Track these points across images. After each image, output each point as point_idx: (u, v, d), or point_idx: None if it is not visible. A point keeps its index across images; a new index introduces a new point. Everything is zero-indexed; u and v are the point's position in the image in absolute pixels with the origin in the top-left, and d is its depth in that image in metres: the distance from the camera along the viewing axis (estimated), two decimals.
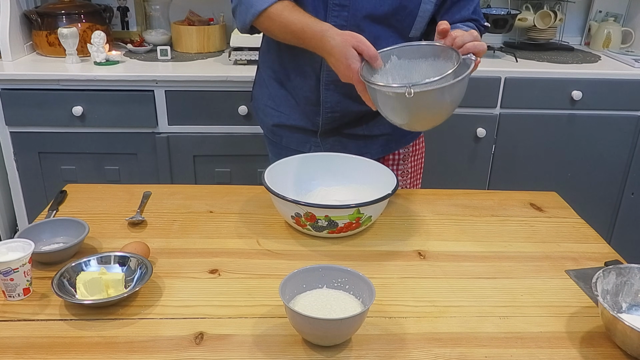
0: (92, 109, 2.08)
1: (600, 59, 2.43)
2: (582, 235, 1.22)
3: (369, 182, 1.25)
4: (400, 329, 0.90)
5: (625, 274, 0.93)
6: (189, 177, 2.22)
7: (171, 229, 1.19)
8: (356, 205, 1.08)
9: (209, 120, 2.14)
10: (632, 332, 0.80)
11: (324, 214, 1.08)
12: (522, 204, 1.34)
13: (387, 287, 1.00)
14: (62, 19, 2.26)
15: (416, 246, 1.15)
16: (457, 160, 2.29)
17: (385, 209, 1.29)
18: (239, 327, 0.89)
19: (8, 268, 0.91)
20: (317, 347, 0.85)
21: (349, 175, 1.29)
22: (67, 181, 1.51)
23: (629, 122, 2.26)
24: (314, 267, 0.92)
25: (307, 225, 1.11)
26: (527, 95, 2.21)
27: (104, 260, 1.00)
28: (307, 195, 1.25)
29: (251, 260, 1.08)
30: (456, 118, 2.21)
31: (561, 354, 0.86)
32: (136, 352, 0.84)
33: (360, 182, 1.27)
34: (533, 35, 2.57)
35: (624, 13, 2.66)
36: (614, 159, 2.32)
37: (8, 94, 2.06)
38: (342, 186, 1.28)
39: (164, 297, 0.96)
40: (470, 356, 0.85)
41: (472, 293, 1.00)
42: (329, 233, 1.12)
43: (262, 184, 1.16)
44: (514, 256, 1.12)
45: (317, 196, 1.25)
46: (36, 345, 0.85)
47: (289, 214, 1.12)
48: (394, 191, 1.14)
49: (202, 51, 2.39)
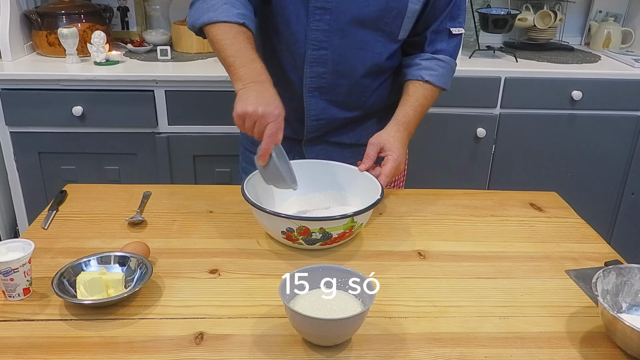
0: (92, 109, 2.08)
1: (600, 59, 2.43)
2: (582, 235, 1.22)
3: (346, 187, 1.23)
4: (400, 329, 0.90)
5: (625, 274, 0.93)
6: (189, 177, 2.22)
7: (171, 229, 1.19)
8: (353, 214, 1.05)
9: (209, 120, 2.14)
10: (632, 332, 0.80)
11: (319, 227, 1.04)
12: (522, 204, 1.34)
13: (387, 287, 1.00)
14: (62, 19, 2.26)
15: (416, 246, 1.15)
16: (457, 160, 2.29)
17: (385, 209, 1.29)
18: (239, 327, 0.89)
19: (8, 268, 0.91)
20: (317, 347, 0.85)
21: (320, 181, 1.24)
22: (67, 181, 1.51)
23: (629, 122, 2.26)
24: (314, 267, 0.92)
25: (300, 240, 1.06)
26: (527, 95, 2.21)
27: (104, 260, 1.00)
28: (283, 206, 1.20)
29: (251, 260, 1.08)
30: (456, 118, 2.22)
31: (561, 354, 0.86)
32: (136, 352, 0.84)
33: (335, 188, 1.24)
34: (533, 35, 2.57)
35: (624, 13, 2.66)
36: (614, 159, 2.32)
37: (8, 94, 2.06)
38: (319, 193, 1.24)
39: (164, 297, 0.96)
40: (470, 356, 0.85)
41: (472, 293, 1.00)
42: (322, 245, 1.08)
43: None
44: (514, 256, 1.12)
45: (293, 206, 1.20)
46: (36, 345, 0.85)
47: (279, 230, 1.06)
48: (382, 194, 1.12)
49: (202, 51, 2.39)
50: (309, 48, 1.25)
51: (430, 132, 2.22)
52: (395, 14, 1.23)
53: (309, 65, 1.27)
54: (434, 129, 2.22)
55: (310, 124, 1.35)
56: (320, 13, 1.20)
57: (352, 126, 1.39)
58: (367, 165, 1.20)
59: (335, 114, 1.34)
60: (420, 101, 1.30)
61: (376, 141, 1.23)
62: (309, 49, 1.25)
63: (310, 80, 1.28)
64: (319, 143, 1.39)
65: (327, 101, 1.32)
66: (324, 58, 1.26)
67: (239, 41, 1.13)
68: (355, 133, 1.40)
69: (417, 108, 1.29)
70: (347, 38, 1.23)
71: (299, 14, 1.22)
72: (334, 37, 1.23)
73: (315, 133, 1.37)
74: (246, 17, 1.16)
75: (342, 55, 1.26)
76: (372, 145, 1.23)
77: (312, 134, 1.37)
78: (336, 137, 1.39)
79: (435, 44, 1.31)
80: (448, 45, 1.31)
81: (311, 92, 1.30)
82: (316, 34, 1.23)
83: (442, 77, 1.32)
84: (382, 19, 1.22)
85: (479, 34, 2.42)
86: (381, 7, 1.21)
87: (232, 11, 1.15)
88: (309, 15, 1.21)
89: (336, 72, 1.28)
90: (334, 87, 1.30)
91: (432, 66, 1.30)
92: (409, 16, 1.24)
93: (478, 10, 2.39)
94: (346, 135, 1.40)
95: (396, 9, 1.22)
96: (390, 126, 1.27)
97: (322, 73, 1.28)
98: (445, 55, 1.31)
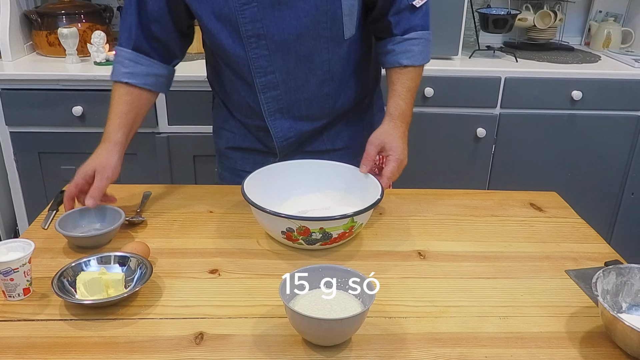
0: (92, 109, 2.08)
1: (600, 59, 2.43)
2: (582, 235, 1.22)
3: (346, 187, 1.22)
4: (400, 329, 0.90)
5: (625, 274, 0.93)
6: (189, 177, 2.22)
7: (171, 229, 1.19)
8: (353, 214, 1.04)
9: (209, 120, 2.12)
10: (632, 332, 0.80)
11: (319, 227, 1.04)
12: (522, 204, 1.34)
13: (387, 287, 1.00)
14: (62, 19, 2.26)
15: (416, 246, 1.15)
16: (457, 160, 2.29)
17: (385, 209, 1.29)
18: (239, 327, 0.89)
19: (8, 268, 0.91)
20: (317, 347, 0.85)
21: (320, 181, 1.24)
22: (67, 181, 1.50)
23: (629, 122, 2.26)
24: (314, 267, 0.92)
25: (300, 240, 1.07)
26: (527, 95, 2.21)
27: (104, 260, 1.00)
28: (283, 206, 1.19)
29: (251, 260, 1.08)
30: (456, 118, 2.22)
31: (561, 354, 0.86)
32: (136, 352, 0.84)
33: (335, 188, 1.23)
34: (533, 35, 2.57)
35: (624, 13, 2.66)
36: (614, 159, 2.32)
37: (8, 94, 2.06)
38: (319, 193, 1.24)
39: (164, 297, 0.96)
40: (470, 356, 0.85)
41: (472, 293, 1.00)
42: (322, 245, 1.08)
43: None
44: (514, 256, 1.12)
45: (294, 206, 1.20)
46: (36, 345, 0.85)
47: (279, 230, 1.07)
48: (382, 194, 1.12)
49: (202, 51, 2.36)
50: (256, 76, 1.24)
51: (430, 132, 2.22)
52: (330, 16, 1.18)
53: (261, 91, 1.26)
54: (434, 129, 2.22)
55: (280, 143, 1.34)
56: (256, 40, 1.19)
57: (324, 133, 1.37)
58: (368, 166, 1.19)
59: (302, 127, 1.33)
60: (408, 85, 1.26)
61: (375, 141, 1.21)
62: (256, 77, 1.24)
63: (268, 105, 1.28)
64: (296, 154, 1.36)
65: (291, 119, 1.31)
66: (273, 82, 1.25)
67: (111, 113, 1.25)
68: (329, 139, 1.38)
69: (407, 95, 1.26)
70: (290, 55, 1.21)
71: (235, 45, 1.21)
72: (277, 58, 1.21)
73: (288, 148, 1.36)
74: (133, 76, 1.24)
75: (291, 73, 1.24)
76: (372, 145, 1.21)
77: (284, 150, 1.36)
78: (310, 146, 1.38)
79: (402, 24, 1.25)
80: (416, 21, 1.25)
81: (272, 114, 1.30)
82: (259, 61, 1.22)
83: (420, 55, 1.27)
84: (318, 25, 1.18)
85: (479, 34, 2.42)
86: (313, 15, 1.16)
87: (120, 70, 1.25)
88: (245, 44, 1.20)
89: (290, 91, 1.26)
90: (294, 105, 1.29)
91: (407, 48, 1.25)
92: (347, 14, 1.19)
93: (478, 10, 2.39)
94: (320, 142, 1.38)
95: (329, 11, 1.17)
96: (386, 122, 1.24)
97: (277, 95, 1.27)
98: (416, 32, 1.26)
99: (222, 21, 1.18)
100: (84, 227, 1.15)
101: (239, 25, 1.17)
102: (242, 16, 1.16)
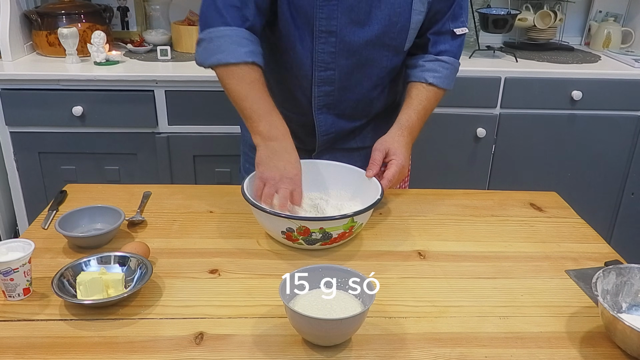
0: (92, 109, 2.08)
1: (600, 59, 2.43)
2: (582, 235, 1.22)
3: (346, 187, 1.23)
4: (400, 329, 0.90)
5: (625, 274, 0.93)
6: (189, 177, 2.22)
7: (171, 229, 1.19)
8: (353, 214, 1.05)
9: (209, 120, 2.14)
10: (632, 332, 0.80)
11: (319, 227, 1.04)
12: (522, 204, 1.34)
13: (387, 287, 1.00)
14: (62, 19, 2.26)
15: (416, 246, 1.15)
16: (457, 160, 2.29)
17: (385, 209, 1.29)
18: (239, 327, 0.89)
19: (8, 268, 0.91)
20: (317, 347, 0.85)
21: (321, 181, 1.24)
22: (67, 181, 1.51)
23: (629, 122, 2.26)
24: (314, 267, 0.92)
25: (300, 240, 1.07)
26: (527, 95, 2.21)
27: (104, 260, 1.00)
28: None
29: (251, 260, 1.08)
30: (456, 118, 2.22)
31: (561, 354, 0.86)
32: (136, 352, 0.84)
33: (336, 188, 1.24)
34: (533, 35, 2.57)
35: (624, 13, 2.66)
36: (614, 159, 2.32)
37: (8, 94, 2.06)
38: (319, 193, 1.24)
39: (164, 297, 0.96)
40: (470, 356, 0.85)
41: (472, 293, 1.00)
42: (322, 245, 1.09)
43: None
44: (514, 256, 1.12)
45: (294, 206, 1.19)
46: (36, 345, 0.85)
47: (279, 230, 1.07)
48: (382, 194, 1.12)
49: None
50: (316, 69, 1.25)
51: (431, 132, 2.21)
52: (399, 28, 1.22)
53: (316, 85, 1.28)
54: (434, 129, 2.21)
55: (321, 138, 1.37)
56: (326, 36, 1.21)
57: (358, 132, 1.41)
58: (374, 171, 1.21)
59: (343, 125, 1.36)
60: (424, 104, 1.30)
61: (381, 147, 1.24)
62: (316, 71, 1.25)
63: (319, 98, 1.30)
64: (328, 151, 1.40)
65: (335, 115, 1.34)
66: (331, 78, 1.27)
67: (255, 91, 1.16)
68: (361, 138, 1.42)
69: (421, 111, 1.29)
70: (354, 57, 1.24)
71: (304, 38, 1.22)
72: (340, 58, 1.24)
73: (326, 145, 1.40)
74: (254, 54, 1.16)
75: (349, 73, 1.27)
76: (378, 151, 1.23)
77: (323, 145, 1.39)
78: (343, 144, 1.41)
79: (439, 45, 1.30)
80: (451, 46, 1.31)
81: (320, 109, 1.32)
82: (322, 56, 1.23)
83: (446, 79, 1.31)
84: (386, 35, 1.22)
85: (479, 34, 2.42)
86: (384, 25, 1.20)
87: (239, 51, 1.14)
88: (314, 39, 1.21)
89: (343, 89, 1.29)
90: (342, 102, 1.32)
91: (436, 68, 1.30)
92: (413, 27, 1.23)
93: (478, 10, 2.39)
94: (353, 140, 1.42)
95: (400, 23, 1.21)
96: (394, 130, 1.27)
97: (330, 91, 1.29)
98: (449, 56, 1.31)
99: (298, 12, 1.19)
100: (84, 227, 1.15)
101: (314, 19, 1.19)
102: (320, 11, 1.18)
